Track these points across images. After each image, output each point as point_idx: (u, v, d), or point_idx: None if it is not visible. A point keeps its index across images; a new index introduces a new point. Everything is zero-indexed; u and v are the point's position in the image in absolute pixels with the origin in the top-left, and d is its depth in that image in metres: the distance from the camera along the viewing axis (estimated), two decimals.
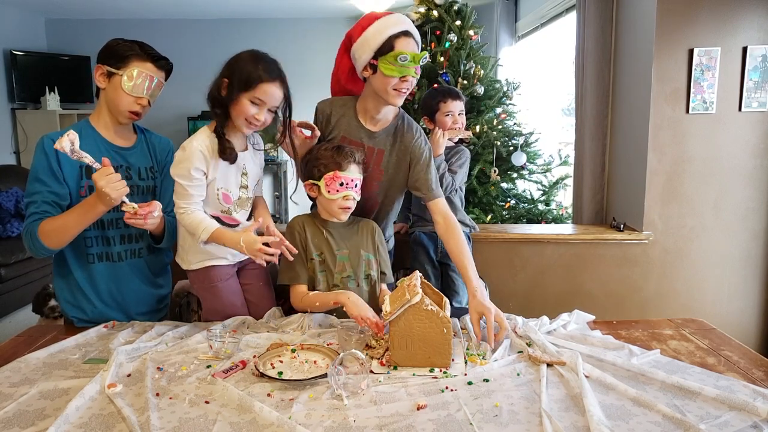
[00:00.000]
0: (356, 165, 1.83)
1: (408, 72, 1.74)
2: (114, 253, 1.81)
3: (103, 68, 1.73)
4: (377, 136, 1.91)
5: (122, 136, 1.83)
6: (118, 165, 1.78)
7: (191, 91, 6.49)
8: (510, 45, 5.04)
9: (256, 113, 1.69)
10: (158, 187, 1.89)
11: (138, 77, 1.72)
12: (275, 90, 1.69)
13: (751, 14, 2.54)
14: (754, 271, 2.73)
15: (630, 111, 2.79)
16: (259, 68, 1.67)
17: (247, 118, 1.69)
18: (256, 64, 1.67)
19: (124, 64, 1.71)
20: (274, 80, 1.68)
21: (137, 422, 1.16)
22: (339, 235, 1.89)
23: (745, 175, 2.66)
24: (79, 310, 1.81)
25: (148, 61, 1.75)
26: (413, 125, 1.95)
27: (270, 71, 1.68)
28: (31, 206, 1.68)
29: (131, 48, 1.73)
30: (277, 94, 1.70)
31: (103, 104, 1.78)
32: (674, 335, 1.67)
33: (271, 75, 1.68)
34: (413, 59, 1.73)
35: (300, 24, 6.44)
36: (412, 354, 1.44)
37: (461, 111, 2.35)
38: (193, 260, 1.80)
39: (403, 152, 1.92)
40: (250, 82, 1.66)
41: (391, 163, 1.93)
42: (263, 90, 1.66)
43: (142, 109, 1.76)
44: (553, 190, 3.63)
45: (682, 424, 1.15)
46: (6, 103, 5.84)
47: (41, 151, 1.70)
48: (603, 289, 2.76)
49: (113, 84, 1.73)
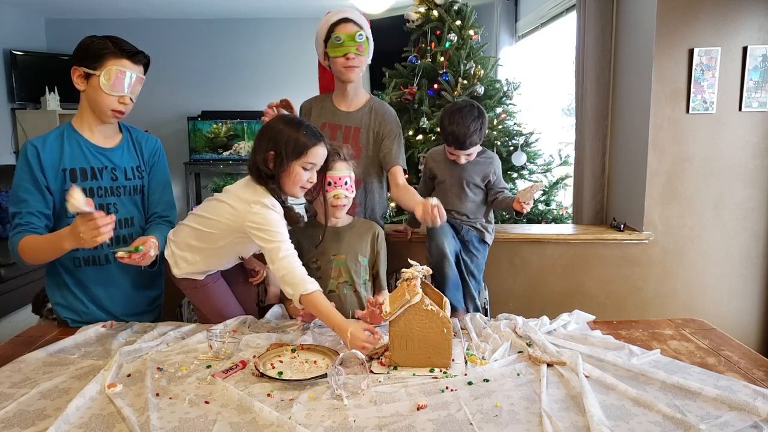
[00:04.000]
0: (344, 162, 1.84)
1: (347, 50, 1.99)
2: (102, 256, 1.79)
3: (80, 70, 1.69)
4: (352, 115, 2.12)
5: (106, 136, 1.80)
6: (103, 166, 1.76)
7: (191, 91, 6.58)
8: (510, 45, 5.04)
9: (309, 177, 1.72)
10: (146, 187, 1.86)
11: (116, 75, 1.67)
12: (322, 150, 1.72)
13: (751, 14, 2.54)
14: (754, 271, 2.73)
15: (630, 111, 2.79)
16: (305, 134, 1.68)
17: (302, 185, 1.71)
18: (298, 131, 1.67)
19: (100, 64, 1.67)
20: (320, 142, 1.71)
21: (137, 422, 1.16)
22: (336, 239, 1.89)
23: (745, 175, 2.66)
24: (71, 311, 1.81)
25: (123, 58, 1.69)
26: (384, 105, 2.18)
27: (314, 134, 1.70)
28: (16, 217, 1.67)
29: (105, 46, 1.68)
30: (324, 154, 1.73)
31: (84, 106, 1.75)
32: (674, 335, 1.67)
33: (317, 137, 1.70)
34: (347, 37, 1.98)
35: (300, 24, 6.43)
36: (412, 354, 1.44)
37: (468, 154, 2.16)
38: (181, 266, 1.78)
39: (377, 130, 2.11)
40: (301, 150, 1.67)
41: (369, 140, 2.12)
42: (314, 153, 1.69)
43: (124, 107, 1.73)
44: (553, 190, 3.63)
45: (683, 424, 1.15)
46: (6, 103, 5.84)
47: (24, 160, 1.68)
48: (603, 289, 2.76)
49: (92, 85, 1.69)
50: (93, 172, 1.75)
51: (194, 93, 6.62)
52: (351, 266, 1.88)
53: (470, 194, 2.23)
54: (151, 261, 1.68)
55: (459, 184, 2.22)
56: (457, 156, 2.16)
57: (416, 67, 3.57)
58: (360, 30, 2.00)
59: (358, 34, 1.99)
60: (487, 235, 2.28)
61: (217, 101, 6.57)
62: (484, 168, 2.22)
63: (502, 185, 2.26)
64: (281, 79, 6.47)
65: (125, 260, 1.60)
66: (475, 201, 2.25)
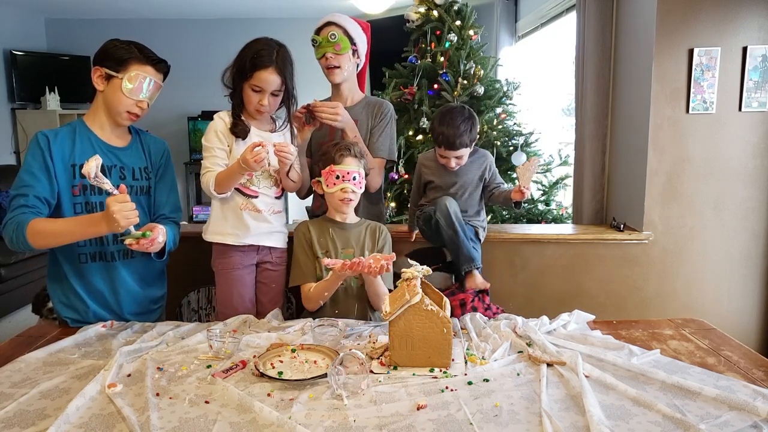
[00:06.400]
0: (353, 158, 1.86)
1: (324, 50, 2.07)
2: (108, 252, 1.80)
3: (102, 70, 1.72)
4: (351, 109, 2.14)
5: (117, 136, 1.83)
6: (112, 165, 1.79)
7: (191, 91, 6.57)
8: (510, 45, 5.04)
9: (259, 100, 1.80)
10: (152, 188, 1.89)
11: (138, 80, 1.72)
12: (269, 76, 1.78)
13: (751, 14, 2.54)
14: (754, 271, 2.73)
15: (630, 111, 2.79)
16: (255, 56, 1.74)
17: (255, 107, 1.82)
18: (253, 52, 1.76)
19: (124, 67, 1.71)
20: (267, 67, 1.77)
21: (137, 422, 1.16)
22: (345, 234, 1.91)
23: (745, 175, 2.66)
24: (72, 310, 1.81)
25: (147, 65, 1.75)
26: (379, 100, 2.25)
27: (264, 59, 1.76)
28: (20, 198, 1.64)
29: (130, 51, 1.73)
30: (273, 80, 1.78)
31: (99, 105, 1.78)
32: (674, 335, 1.67)
33: (266, 62, 1.76)
34: (323, 39, 2.06)
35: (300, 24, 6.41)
36: (412, 354, 1.44)
37: (459, 156, 2.12)
38: (208, 231, 1.95)
39: (373, 125, 2.17)
40: (245, 72, 1.77)
41: (366, 137, 2.16)
42: (258, 77, 1.76)
43: (141, 111, 1.77)
44: (553, 190, 3.63)
45: (682, 424, 1.15)
46: (6, 103, 5.84)
47: (36, 146, 1.69)
48: (603, 289, 2.76)
49: (112, 86, 1.72)
50: (102, 169, 1.74)
51: (194, 93, 6.61)
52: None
53: (466, 195, 2.23)
54: (159, 247, 1.70)
55: (456, 186, 2.22)
56: (447, 159, 2.14)
57: (416, 67, 3.57)
58: (334, 30, 2.04)
59: (330, 35, 2.04)
60: (481, 231, 2.30)
61: (217, 101, 6.45)
62: (479, 167, 2.23)
63: (498, 180, 2.27)
64: None
65: (133, 246, 1.63)
66: (472, 201, 2.26)
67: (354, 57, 2.13)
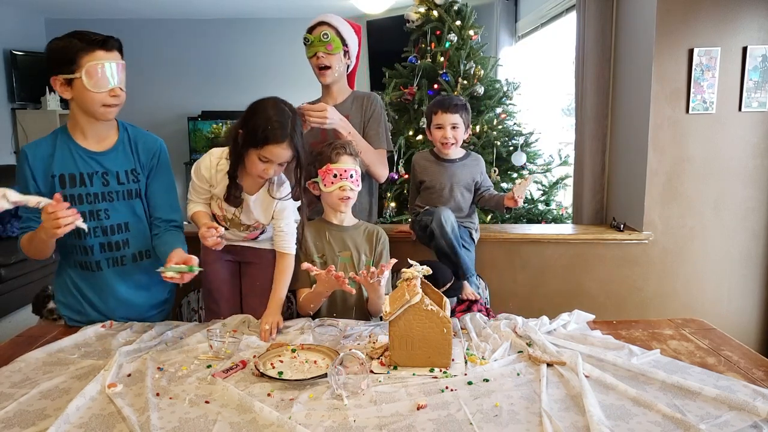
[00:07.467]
0: (349, 156, 1.86)
1: (316, 49, 2.08)
2: (93, 262, 1.76)
3: (59, 78, 1.62)
4: (340, 105, 2.15)
5: (100, 138, 1.74)
6: (93, 171, 1.71)
7: (191, 91, 6.58)
8: (510, 45, 5.04)
9: (264, 169, 1.72)
10: (142, 190, 1.79)
11: (96, 71, 1.59)
12: (281, 151, 1.70)
13: (751, 14, 2.54)
14: (754, 271, 2.73)
15: (630, 111, 2.79)
16: (270, 129, 1.66)
17: (258, 173, 1.74)
18: (266, 122, 1.66)
19: (76, 65, 1.58)
20: (281, 142, 1.68)
21: (137, 422, 1.16)
22: (342, 236, 1.90)
23: (745, 175, 2.66)
24: (71, 310, 1.81)
25: (95, 50, 1.59)
26: (366, 93, 2.27)
27: (278, 133, 1.67)
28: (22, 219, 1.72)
29: (71, 44, 1.59)
30: (284, 155, 1.71)
31: (75, 110, 1.69)
32: (674, 335, 1.67)
33: (281, 137, 1.67)
34: (315, 39, 2.07)
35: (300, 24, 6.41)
36: (412, 354, 1.44)
37: (454, 124, 2.17)
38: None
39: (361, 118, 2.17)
40: (258, 141, 1.67)
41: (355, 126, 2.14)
42: (270, 150, 1.68)
43: (117, 99, 1.65)
44: (553, 190, 3.63)
45: (682, 424, 1.15)
46: (6, 103, 5.84)
47: (19, 167, 1.71)
48: (603, 289, 2.76)
49: (77, 88, 1.61)
50: (82, 178, 1.70)
51: (194, 93, 6.62)
52: (356, 263, 1.89)
53: (459, 197, 2.24)
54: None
55: (448, 187, 2.23)
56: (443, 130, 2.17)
57: (416, 68, 3.57)
58: (326, 30, 2.05)
59: (323, 34, 2.05)
60: (474, 233, 2.31)
61: (217, 101, 6.56)
62: (471, 169, 2.27)
63: (488, 184, 2.30)
64: (281, 79, 6.45)
65: (176, 280, 1.57)
66: (464, 203, 2.27)
67: (345, 58, 2.14)
